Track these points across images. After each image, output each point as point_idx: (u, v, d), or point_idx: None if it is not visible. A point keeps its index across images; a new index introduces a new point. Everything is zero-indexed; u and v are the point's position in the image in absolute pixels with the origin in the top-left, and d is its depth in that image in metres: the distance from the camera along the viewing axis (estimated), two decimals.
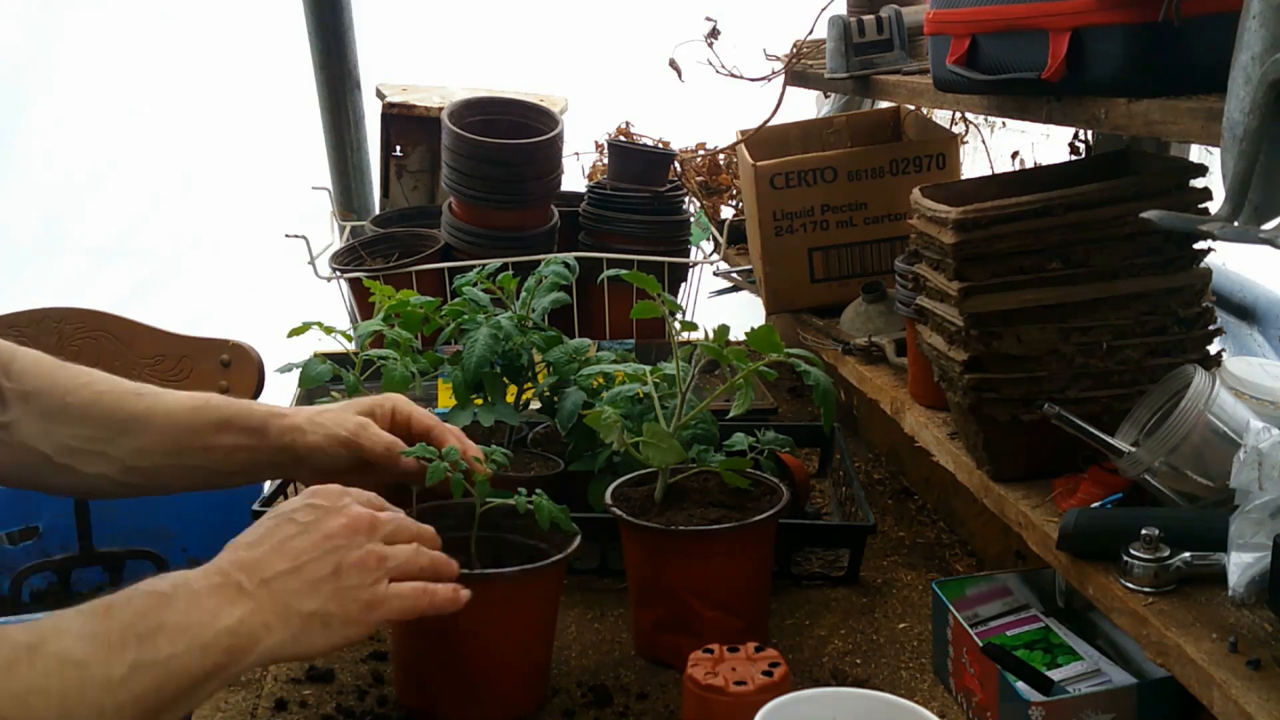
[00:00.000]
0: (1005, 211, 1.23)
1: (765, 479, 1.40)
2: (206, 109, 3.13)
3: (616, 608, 1.46)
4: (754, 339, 1.32)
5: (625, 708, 1.26)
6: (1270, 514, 0.99)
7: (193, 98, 3.12)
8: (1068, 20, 1.11)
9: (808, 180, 1.94)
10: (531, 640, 1.24)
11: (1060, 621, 1.26)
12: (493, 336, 1.52)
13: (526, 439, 1.67)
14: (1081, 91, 1.15)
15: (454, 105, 2.41)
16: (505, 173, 2.30)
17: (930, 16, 1.35)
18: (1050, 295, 1.22)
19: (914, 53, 1.77)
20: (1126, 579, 1.09)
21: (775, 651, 1.15)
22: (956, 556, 1.62)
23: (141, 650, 0.88)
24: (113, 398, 1.26)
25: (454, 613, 1.08)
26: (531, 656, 1.25)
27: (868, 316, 1.86)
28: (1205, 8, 1.01)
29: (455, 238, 2.36)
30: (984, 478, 1.33)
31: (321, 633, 0.99)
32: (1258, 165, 0.86)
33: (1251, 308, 1.73)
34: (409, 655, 1.25)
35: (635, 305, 1.39)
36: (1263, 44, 0.84)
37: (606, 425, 1.31)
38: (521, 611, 1.21)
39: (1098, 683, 1.16)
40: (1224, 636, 0.99)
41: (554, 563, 1.22)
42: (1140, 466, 1.14)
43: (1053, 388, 1.23)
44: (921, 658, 1.35)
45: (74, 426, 1.25)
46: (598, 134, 2.77)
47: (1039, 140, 2.15)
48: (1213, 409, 1.11)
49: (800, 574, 1.55)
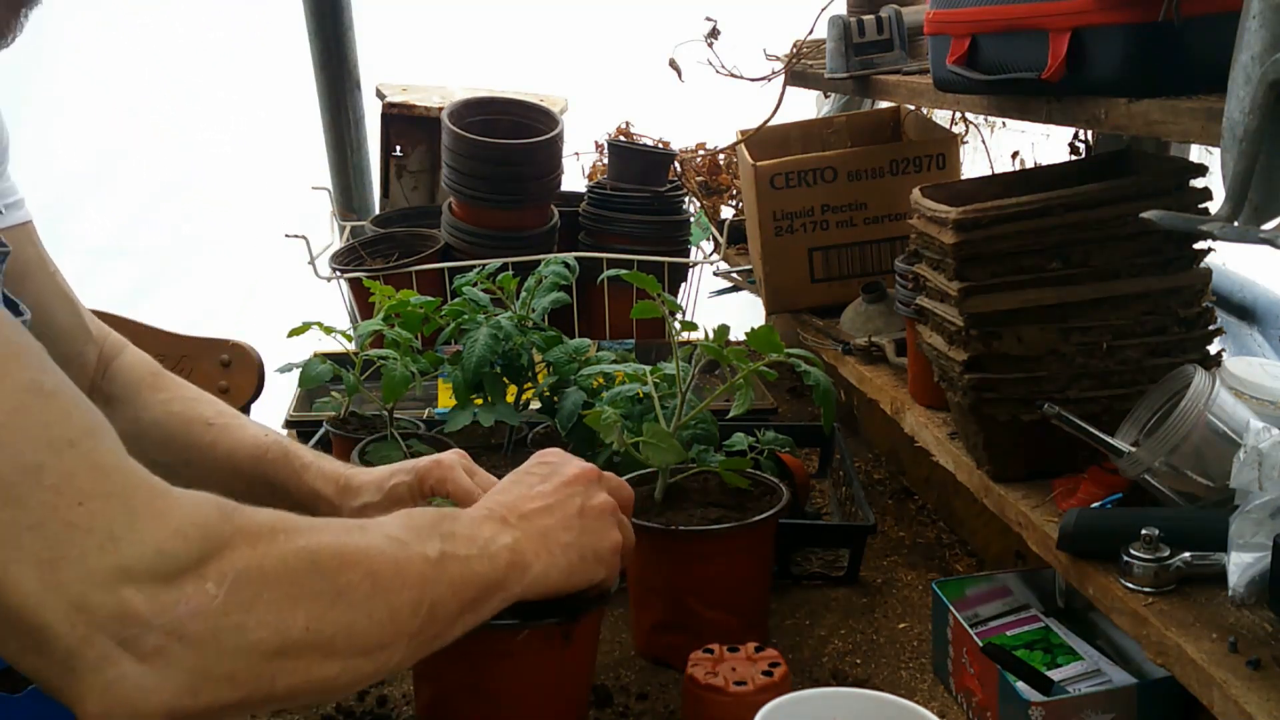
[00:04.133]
0: (1005, 211, 1.23)
1: (765, 479, 1.40)
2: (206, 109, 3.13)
3: (616, 608, 1.46)
4: (754, 339, 1.32)
5: (625, 708, 1.26)
6: (1270, 514, 0.99)
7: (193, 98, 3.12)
8: (1068, 20, 1.11)
9: (808, 180, 1.94)
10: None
11: (1060, 621, 1.26)
12: (493, 336, 1.52)
13: (526, 439, 1.67)
14: (1081, 91, 1.15)
15: (454, 105, 2.41)
16: (505, 173, 2.30)
17: (930, 16, 1.35)
18: (1050, 295, 1.22)
19: (914, 53, 1.76)
20: (1126, 579, 1.09)
21: (775, 651, 1.15)
22: (956, 556, 1.62)
23: (445, 544, 0.93)
24: (181, 422, 1.25)
25: (482, 669, 1.10)
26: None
27: (868, 316, 1.86)
28: (1205, 8, 1.01)
29: (455, 238, 2.36)
30: (984, 478, 1.33)
31: (580, 564, 1.04)
32: (1258, 165, 0.86)
33: (1251, 308, 1.73)
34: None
35: (635, 305, 1.39)
36: (1263, 44, 0.84)
37: (606, 425, 1.31)
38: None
39: (1098, 683, 1.16)
40: (1224, 636, 0.99)
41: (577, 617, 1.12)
42: (1140, 466, 1.13)
43: (1053, 388, 1.23)
44: (921, 658, 1.35)
45: (144, 446, 1.23)
46: (598, 134, 2.77)
47: (1039, 140, 2.15)
48: (1213, 409, 1.11)
49: (800, 574, 1.55)
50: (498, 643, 1.08)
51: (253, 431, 1.25)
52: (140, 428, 1.23)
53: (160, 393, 1.26)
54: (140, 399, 1.25)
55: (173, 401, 1.26)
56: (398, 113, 2.63)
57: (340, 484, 1.22)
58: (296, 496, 1.22)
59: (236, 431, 1.25)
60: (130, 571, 0.72)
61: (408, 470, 1.22)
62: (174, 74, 3.11)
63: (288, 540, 0.81)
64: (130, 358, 1.28)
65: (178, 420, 1.25)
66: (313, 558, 0.81)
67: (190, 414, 1.25)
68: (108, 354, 1.27)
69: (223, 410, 1.27)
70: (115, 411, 1.23)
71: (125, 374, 1.26)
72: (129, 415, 1.24)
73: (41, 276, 1.21)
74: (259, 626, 0.76)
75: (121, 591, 0.72)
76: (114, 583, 0.72)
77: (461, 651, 1.09)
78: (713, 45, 2.09)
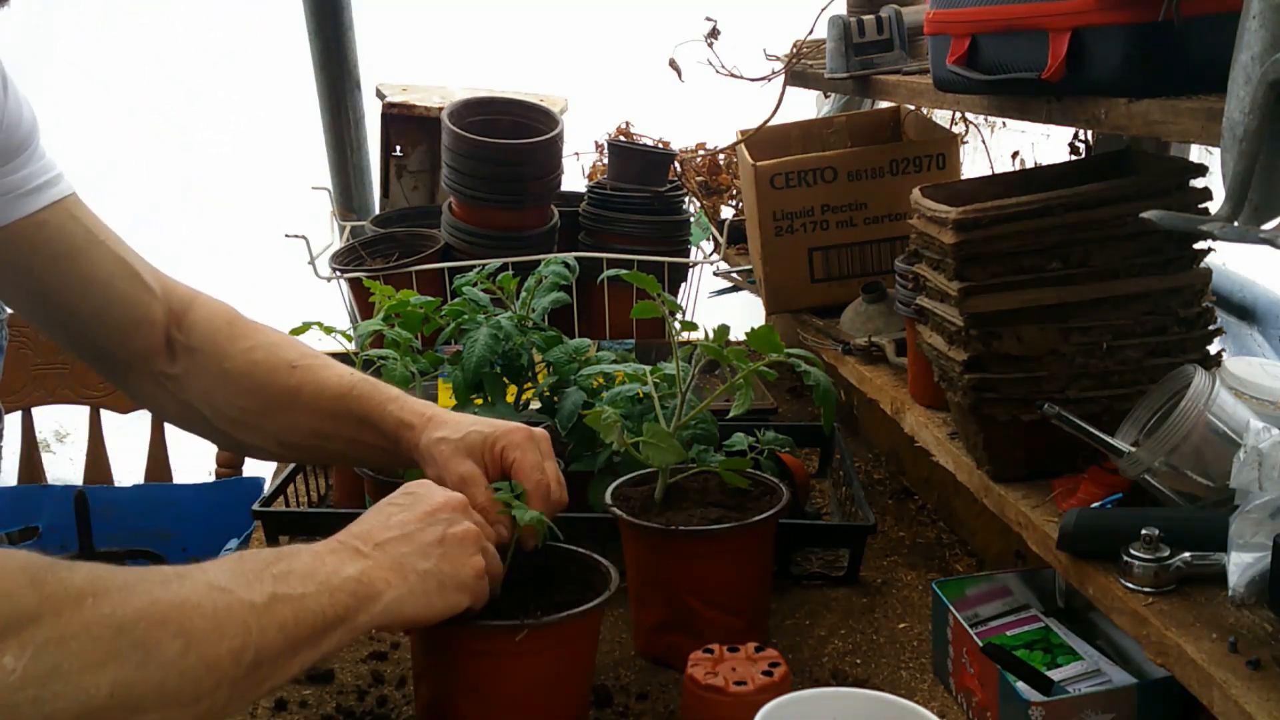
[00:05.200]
0: (1005, 211, 1.23)
1: (765, 479, 1.40)
2: (206, 109, 3.13)
3: (616, 608, 1.46)
4: (754, 339, 1.32)
5: (625, 708, 1.26)
6: (1270, 514, 0.99)
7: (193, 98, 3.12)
8: (1068, 20, 1.11)
9: (808, 180, 1.94)
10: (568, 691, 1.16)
11: (1060, 621, 1.26)
12: (493, 336, 1.52)
13: None
14: (1081, 91, 1.15)
15: (454, 105, 2.41)
16: (505, 173, 2.30)
17: (930, 16, 1.35)
18: (1050, 295, 1.22)
19: (914, 53, 1.76)
20: (1126, 579, 1.09)
21: (775, 651, 1.15)
22: (956, 556, 1.62)
23: (277, 585, 0.91)
24: (266, 369, 1.25)
25: (482, 669, 1.10)
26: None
27: (868, 316, 1.86)
28: (1205, 8, 1.01)
29: (455, 238, 2.36)
30: (984, 478, 1.33)
31: (438, 591, 1.02)
32: (1258, 165, 0.86)
33: (1251, 308, 1.73)
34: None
35: (635, 305, 1.39)
36: (1263, 44, 0.84)
37: (606, 425, 1.31)
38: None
39: (1098, 683, 1.16)
40: (1224, 636, 0.99)
41: (587, 610, 1.12)
42: (1140, 466, 1.13)
43: (1053, 388, 1.23)
44: (921, 658, 1.35)
45: (230, 395, 1.25)
46: (598, 134, 2.77)
47: (1039, 140, 2.15)
48: (1213, 409, 1.11)
49: (800, 574, 1.55)
50: (498, 643, 1.08)
51: (338, 370, 1.27)
52: (227, 378, 1.24)
53: (241, 341, 1.27)
54: (221, 349, 1.26)
55: (255, 350, 1.26)
56: (398, 113, 2.63)
57: (426, 415, 1.23)
58: (383, 428, 1.23)
59: (321, 371, 1.26)
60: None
61: (488, 425, 1.21)
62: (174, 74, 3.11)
63: (95, 606, 0.79)
64: (203, 309, 1.28)
65: (263, 368, 1.25)
66: (119, 624, 0.80)
67: (274, 360, 1.26)
68: (178, 308, 1.27)
69: (305, 352, 1.28)
70: (197, 363, 1.25)
71: (203, 325, 1.27)
72: (213, 367, 1.25)
73: (93, 250, 1.20)
74: (56, 698, 0.76)
75: None
76: None
77: (461, 651, 1.10)
78: (713, 45, 2.09)
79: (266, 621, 0.89)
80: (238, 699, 0.88)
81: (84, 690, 0.77)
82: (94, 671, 0.78)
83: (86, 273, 1.19)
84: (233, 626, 0.87)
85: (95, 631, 0.79)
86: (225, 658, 0.85)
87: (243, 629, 0.87)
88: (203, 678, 0.84)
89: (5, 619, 0.75)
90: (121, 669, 0.79)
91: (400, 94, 2.67)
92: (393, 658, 1.36)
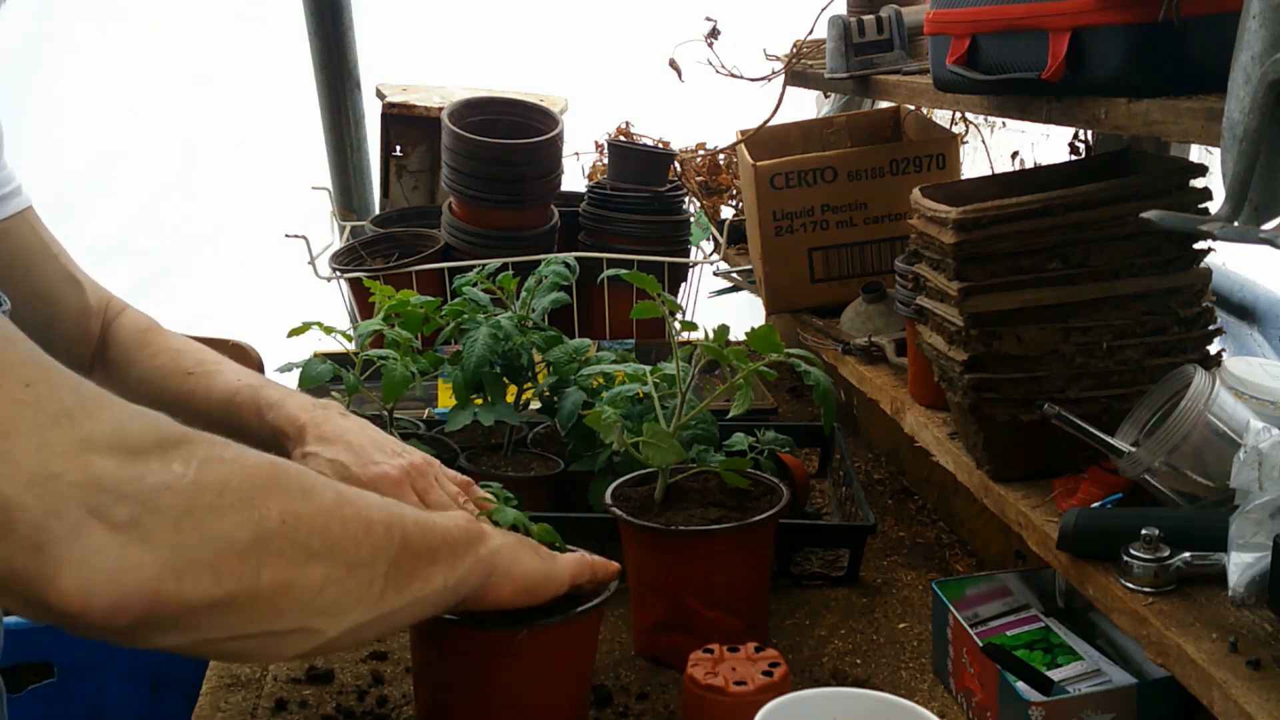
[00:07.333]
0: (1005, 211, 1.23)
1: (765, 479, 1.40)
2: (207, 108, 3.13)
3: (616, 608, 1.46)
4: (754, 339, 1.32)
5: (625, 708, 1.26)
6: (1270, 514, 0.99)
7: (193, 97, 3.12)
8: (1068, 20, 1.11)
9: (808, 180, 1.94)
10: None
11: (1060, 621, 1.26)
12: (493, 336, 1.52)
13: (526, 439, 1.67)
14: (1081, 91, 1.15)
15: (454, 105, 2.41)
16: (505, 173, 2.30)
17: (930, 16, 1.35)
18: (1050, 295, 1.22)
19: (914, 53, 1.77)
20: (1126, 579, 1.09)
21: (775, 651, 1.15)
22: (956, 556, 1.62)
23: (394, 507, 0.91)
24: (163, 375, 1.23)
25: (482, 669, 1.10)
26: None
27: (868, 316, 1.86)
28: (1205, 8, 1.01)
29: (455, 238, 2.36)
30: (984, 478, 1.33)
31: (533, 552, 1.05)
32: (1258, 165, 0.86)
33: (1251, 308, 1.73)
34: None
35: (635, 305, 1.39)
36: (1263, 44, 0.84)
37: (606, 425, 1.31)
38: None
39: (1098, 683, 1.16)
40: (1224, 636, 0.99)
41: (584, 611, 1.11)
42: (1140, 466, 1.14)
43: (1053, 388, 1.23)
44: (921, 658, 1.35)
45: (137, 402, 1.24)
46: (598, 134, 2.77)
47: (1039, 140, 2.15)
48: (1213, 409, 1.11)
49: (800, 574, 1.55)
50: (498, 643, 1.08)
51: (227, 376, 1.22)
52: (133, 386, 1.22)
53: (149, 348, 1.25)
54: (131, 357, 1.24)
55: (158, 355, 1.24)
56: (398, 113, 2.64)
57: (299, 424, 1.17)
58: (261, 435, 1.18)
59: (213, 378, 1.22)
60: (92, 442, 0.68)
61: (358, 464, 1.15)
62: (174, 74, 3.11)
63: (241, 449, 0.78)
64: (126, 319, 1.27)
65: (160, 374, 1.23)
66: (271, 460, 0.79)
67: (172, 367, 1.23)
68: (107, 321, 1.27)
69: (204, 359, 1.24)
70: (112, 372, 1.23)
71: (120, 335, 1.26)
72: (123, 376, 1.23)
73: (47, 264, 1.20)
74: (232, 510, 0.73)
75: (85, 458, 0.68)
76: (76, 451, 0.67)
77: (461, 651, 1.10)
78: (713, 45, 2.09)
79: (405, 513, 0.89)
80: (391, 592, 0.85)
81: (256, 509, 0.74)
82: (263, 494, 0.75)
83: (38, 286, 1.18)
84: (376, 502, 0.87)
85: (251, 460, 0.77)
86: (378, 524, 0.84)
87: (384, 507, 0.87)
88: (361, 537, 0.82)
89: (162, 436, 0.73)
90: (288, 499, 0.77)
91: (400, 94, 2.67)
92: (393, 658, 1.36)
